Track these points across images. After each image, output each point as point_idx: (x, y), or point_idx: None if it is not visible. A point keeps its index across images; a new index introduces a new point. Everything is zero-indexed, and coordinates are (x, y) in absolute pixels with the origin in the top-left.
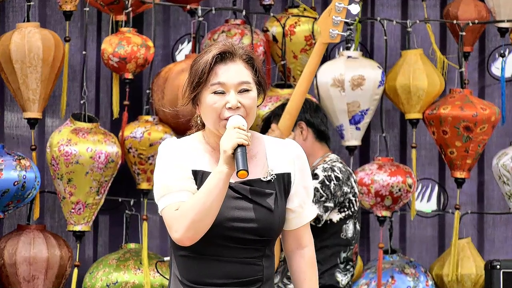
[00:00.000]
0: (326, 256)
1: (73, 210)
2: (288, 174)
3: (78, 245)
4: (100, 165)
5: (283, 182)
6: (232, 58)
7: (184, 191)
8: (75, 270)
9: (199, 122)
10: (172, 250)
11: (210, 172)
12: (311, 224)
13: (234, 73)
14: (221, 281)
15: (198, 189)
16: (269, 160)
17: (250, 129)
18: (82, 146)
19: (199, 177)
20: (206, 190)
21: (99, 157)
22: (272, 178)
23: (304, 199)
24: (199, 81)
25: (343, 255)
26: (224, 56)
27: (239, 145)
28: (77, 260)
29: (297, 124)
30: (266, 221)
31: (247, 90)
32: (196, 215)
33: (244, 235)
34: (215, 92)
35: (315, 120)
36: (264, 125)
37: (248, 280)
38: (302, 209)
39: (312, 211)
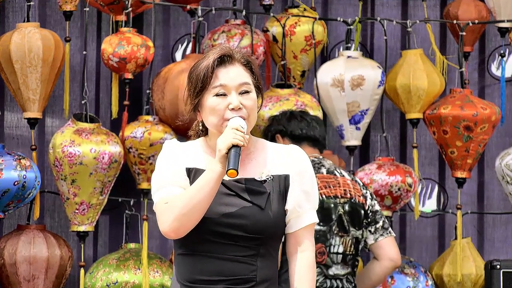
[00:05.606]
0: (282, 261)
1: (77, 211)
2: (287, 176)
3: (82, 245)
4: (104, 166)
5: (282, 184)
6: (231, 61)
7: (176, 186)
8: (82, 271)
9: (200, 128)
10: (174, 251)
11: (203, 170)
12: None
13: (234, 75)
14: (212, 279)
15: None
16: (269, 162)
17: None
18: (86, 147)
19: (192, 174)
20: (197, 185)
21: (103, 158)
22: (268, 179)
23: (301, 202)
24: (202, 86)
25: None
26: (223, 60)
27: (234, 146)
28: (82, 260)
29: (275, 138)
30: (255, 219)
31: (247, 92)
32: (183, 208)
33: (233, 231)
34: (217, 95)
35: (289, 127)
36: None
37: (239, 279)
38: (298, 212)
39: (311, 216)
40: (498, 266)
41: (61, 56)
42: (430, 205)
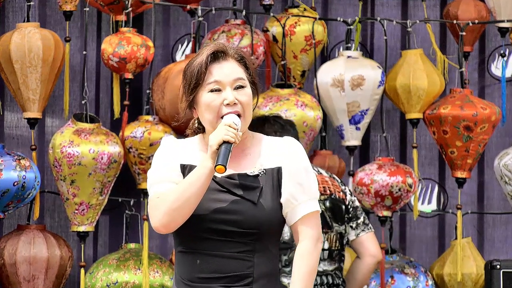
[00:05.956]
0: None
1: (76, 211)
2: (279, 169)
3: (82, 245)
4: (103, 166)
5: (274, 177)
6: (224, 57)
7: (169, 182)
8: (82, 271)
9: (196, 126)
10: (174, 249)
11: None
12: None
13: (228, 70)
14: (209, 276)
15: None
16: (262, 157)
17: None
18: (85, 147)
19: (186, 171)
20: (188, 181)
21: (102, 158)
22: (260, 173)
23: (295, 194)
24: (196, 83)
25: (284, 257)
26: (217, 56)
27: (225, 142)
28: (82, 260)
29: None
30: (248, 214)
31: (242, 87)
32: (174, 203)
33: (227, 227)
34: (211, 91)
35: (262, 130)
36: None
37: (236, 275)
38: (293, 204)
39: (307, 206)
40: (498, 266)
41: (61, 56)
42: (430, 205)
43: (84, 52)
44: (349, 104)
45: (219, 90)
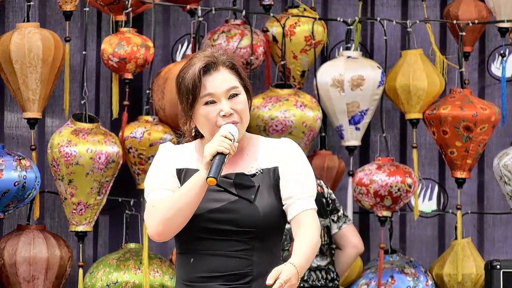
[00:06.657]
0: None
1: (74, 211)
2: (276, 168)
3: (81, 245)
4: (101, 166)
5: (271, 176)
6: (215, 67)
7: (165, 189)
8: (80, 271)
9: (193, 134)
10: (174, 250)
11: (194, 169)
12: None
13: (221, 81)
14: (208, 275)
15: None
16: (260, 157)
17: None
18: (82, 147)
19: (183, 174)
20: (183, 190)
21: (99, 158)
22: (257, 172)
23: (294, 189)
24: (193, 97)
25: None
26: (208, 67)
27: (218, 153)
28: (80, 260)
29: None
30: (244, 212)
31: (236, 95)
32: (168, 211)
33: (223, 226)
34: (206, 103)
35: None
36: None
37: (235, 274)
38: (290, 201)
39: (302, 204)
40: (498, 266)
41: (61, 56)
42: (430, 205)
43: (84, 52)
44: (349, 104)
45: (214, 102)
